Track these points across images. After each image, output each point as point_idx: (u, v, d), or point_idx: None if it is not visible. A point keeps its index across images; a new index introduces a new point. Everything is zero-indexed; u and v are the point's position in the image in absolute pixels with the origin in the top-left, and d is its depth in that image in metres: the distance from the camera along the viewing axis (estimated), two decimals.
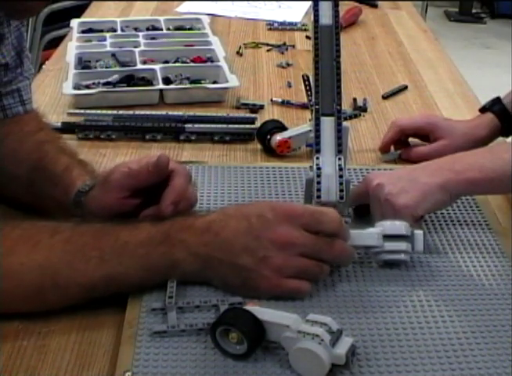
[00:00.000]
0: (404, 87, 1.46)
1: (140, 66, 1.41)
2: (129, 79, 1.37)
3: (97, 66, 1.43)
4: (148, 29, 1.66)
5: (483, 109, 1.18)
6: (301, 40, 1.72)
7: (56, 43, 1.73)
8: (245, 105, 1.33)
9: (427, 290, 0.83)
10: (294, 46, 1.68)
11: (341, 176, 0.86)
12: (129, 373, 0.69)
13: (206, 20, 1.70)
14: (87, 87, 1.34)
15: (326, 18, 0.91)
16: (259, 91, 1.43)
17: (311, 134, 0.90)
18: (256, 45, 1.67)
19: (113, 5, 1.92)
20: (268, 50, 1.65)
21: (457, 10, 4.99)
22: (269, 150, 1.16)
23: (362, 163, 1.16)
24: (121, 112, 1.25)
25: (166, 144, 1.20)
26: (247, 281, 0.78)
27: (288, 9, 1.95)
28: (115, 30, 1.64)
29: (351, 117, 1.28)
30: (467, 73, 1.66)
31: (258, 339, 0.71)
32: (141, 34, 1.58)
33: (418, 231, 0.85)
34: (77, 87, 1.33)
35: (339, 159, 0.87)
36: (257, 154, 1.18)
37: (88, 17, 1.81)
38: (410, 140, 1.19)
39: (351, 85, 1.46)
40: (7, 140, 0.97)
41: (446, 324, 0.77)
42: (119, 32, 1.62)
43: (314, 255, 0.80)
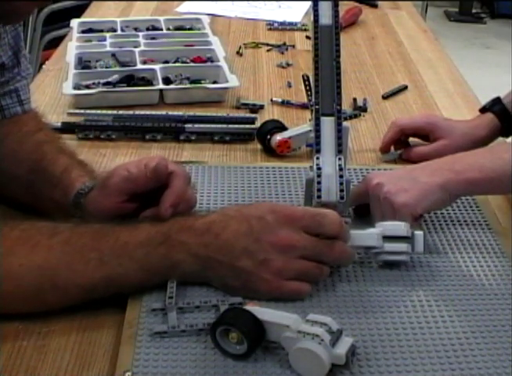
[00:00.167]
0: (404, 87, 1.46)
1: (140, 66, 1.41)
2: (129, 79, 1.37)
3: (97, 66, 1.43)
4: (148, 29, 1.66)
5: (483, 109, 1.18)
6: (301, 40, 1.72)
7: (56, 43, 1.73)
8: (245, 105, 1.33)
9: (427, 290, 0.83)
10: (294, 46, 1.68)
11: (341, 176, 0.86)
12: (129, 373, 0.69)
13: (206, 20, 1.70)
14: (87, 87, 1.34)
15: (326, 18, 0.91)
16: (259, 91, 1.43)
17: (311, 134, 0.90)
18: (256, 45, 1.67)
19: (113, 5, 1.92)
20: (268, 50, 1.65)
21: (457, 10, 4.99)
22: (269, 150, 1.16)
23: (362, 163, 1.16)
24: (121, 112, 1.24)
25: (166, 144, 1.20)
26: (247, 283, 0.78)
27: (288, 9, 1.95)
28: (115, 30, 1.64)
29: (351, 117, 1.28)
30: (467, 73, 1.66)
31: (258, 339, 0.71)
32: (141, 34, 1.58)
33: (418, 232, 0.85)
34: (77, 87, 1.33)
35: (339, 159, 0.87)
36: (257, 154, 1.18)
37: (88, 17, 1.81)
38: (410, 140, 1.18)
39: (351, 85, 1.46)
40: (6, 141, 0.97)
41: (446, 324, 0.77)
42: (119, 32, 1.62)
43: (314, 257, 0.79)
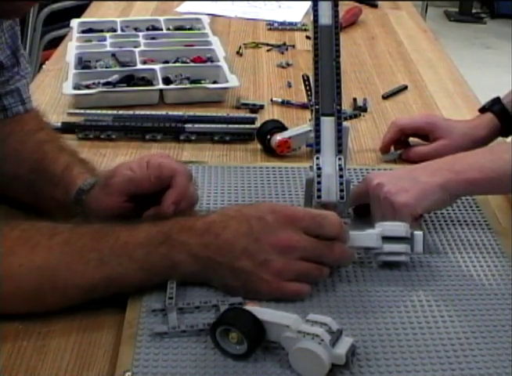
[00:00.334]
0: (404, 87, 1.46)
1: (140, 66, 1.41)
2: (129, 79, 1.37)
3: (97, 66, 1.43)
4: (148, 29, 1.66)
5: (483, 109, 1.18)
6: (301, 40, 1.72)
7: (56, 43, 1.73)
8: (245, 105, 1.33)
9: (427, 290, 0.83)
10: (294, 46, 1.68)
11: (341, 176, 0.86)
12: (129, 373, 0.69)
13: (206, 20, 1.70)
14: (87, 87, 1.34)
15: (326, 18, 0.91)
16: (259, 91, 1.43)
17: (311, 134, 0.90)
18: (256, 45, 1.67)
19: (113, 5, 1.92)
20: (268, 50, 1.65)
21: (457, 10, 4.99)
22: (269, 150, 1.16)
23: (362, 163, 1.16)
24: (121, 112, 1.25)
25: (166, 144, 1.20)
26: (247, 284, 0.78)
27: (288, 9, 1.95)
28: (115, 30, 1.64)
29: (351, 117, 1.28)
30: (467, 73, 1.66)
31: (258, 339, 0.71)
32: (141, 34, 1.58)
33: (418, 232, 0.85)
34: (77, 87, 1.33)
35: (339, 159, 0.87)
36: (257, 154, 1.18)
37: (88, 17, 1.81)
38: (410, 140, 1.18)
39: (351, 85, 1.46)
40: (9, 140, 0.97)
41: (446, 324, 0.77)
42: (119, 32, 1.62)
43: (314, 259, 0.79)
